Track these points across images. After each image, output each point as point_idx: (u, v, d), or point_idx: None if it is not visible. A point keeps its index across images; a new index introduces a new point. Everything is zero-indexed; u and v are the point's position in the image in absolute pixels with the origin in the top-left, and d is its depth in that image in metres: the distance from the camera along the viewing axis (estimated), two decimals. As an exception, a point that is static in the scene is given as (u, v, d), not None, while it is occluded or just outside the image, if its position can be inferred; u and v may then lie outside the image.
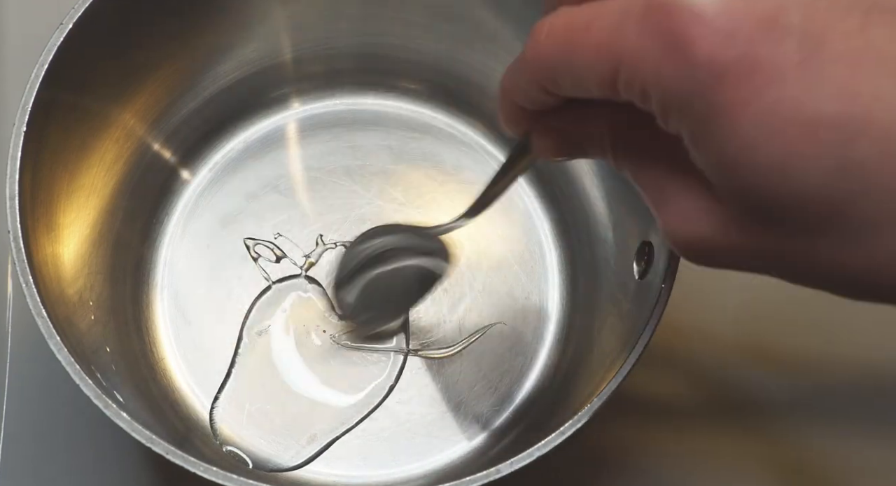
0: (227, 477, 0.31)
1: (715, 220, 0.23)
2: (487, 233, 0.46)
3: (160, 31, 0.40)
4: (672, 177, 0.24)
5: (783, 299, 0.46)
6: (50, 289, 0.35)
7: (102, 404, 0.32)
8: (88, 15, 0.36)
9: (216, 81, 0.45)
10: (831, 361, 0.46)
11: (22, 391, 0.44)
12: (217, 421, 0.42)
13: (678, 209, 0.24)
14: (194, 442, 0.41)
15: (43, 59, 0.35)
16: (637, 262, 0.38)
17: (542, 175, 0.46)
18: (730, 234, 0.23)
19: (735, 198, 0.22)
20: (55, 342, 0.32)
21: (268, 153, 0.47)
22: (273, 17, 0.43)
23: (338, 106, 0.48)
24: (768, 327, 0.46)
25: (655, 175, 0.25)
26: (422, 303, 0.43)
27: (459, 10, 0.43)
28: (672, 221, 0.24)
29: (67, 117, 0.37)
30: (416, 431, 0.43)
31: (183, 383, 0.43)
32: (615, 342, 0.37)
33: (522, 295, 0.45)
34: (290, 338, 0.44)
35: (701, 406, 0.45)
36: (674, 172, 0.24)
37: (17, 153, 0.34)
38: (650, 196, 0.25)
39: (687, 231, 0.24)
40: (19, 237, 0.33)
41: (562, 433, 0.32)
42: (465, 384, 0.43)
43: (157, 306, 0.44)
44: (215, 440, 0.42)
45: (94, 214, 0.40)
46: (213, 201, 0.46)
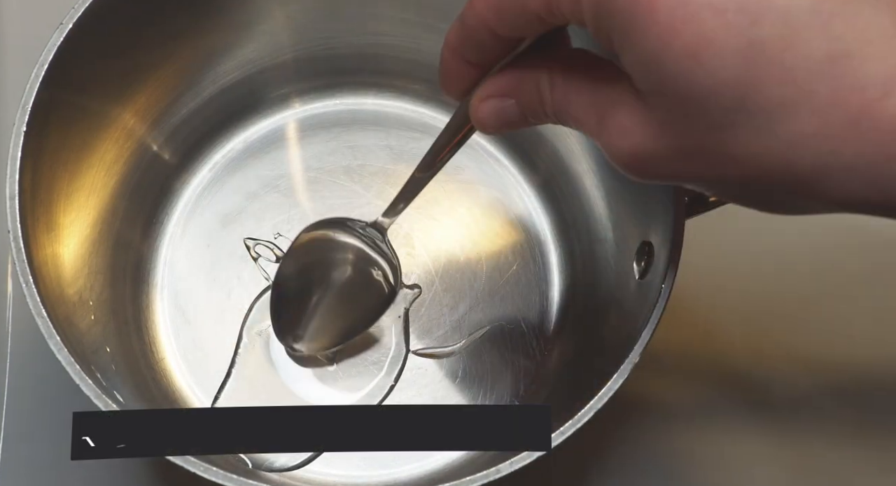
0: (227, 477, 0.31)
1: (648, 128, 0.24)
2: (487, 233, 0.46)
3: (160, 31, 0.40)
4: (608, 100, 0.25)
5: (783, 299, 0.46)
6: (50, 289, 0.35)
7: (102, 404, 0.32)
8: (88, 15, 0.36)
9: (216, 81, 0.45)
10: (832, 361, 0.46)
11: (22, 391, 0.44)
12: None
13: (615, 125, 0.25)
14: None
15: (43, 59, 0.35)
16: (637, 262, 0.38)
17: (543, 175, 0.46)
18: (660, 138, 0.24)
19: (659, 96, 0.23)
20: (55, 342, 0.32)
21: (268, 153, 0.47)
22: (273, 17, 0.43)
23: (338, 106, 0.48)
24: (768, 327, 0.46)
25: (593, 102, 0.26)
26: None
27: (459, 10, 0.43)
28: (612, 137, 0.25)
29: (67, 117, 0.37)
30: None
31: (183, 383, 0.43)
32: (615, 342, 0.37)
33: (522, 295, 0.45)
34: (290, 338, 0.44)
35: (701, 406, 0.45)
36: (609, 95, 0.25)
37: (17, 153, 0.34)
38: (591, 124, 0.26)
39: (626, 144, 0.25)
40: (19, 237, 0.33)
41: (562, 433, 0.32)
42: (465, 384, 0.43)
43: (157, 306, 0.44)
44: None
45: (94, 214, 0.40)
46: (213, 201, 0.46)
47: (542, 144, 0.45)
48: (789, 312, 0.46)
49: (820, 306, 0.46)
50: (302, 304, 0.42)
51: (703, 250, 0.27)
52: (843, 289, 0.47)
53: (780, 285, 0.46)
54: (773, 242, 0.46)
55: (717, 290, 0.46)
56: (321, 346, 0.42)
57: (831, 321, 0.46)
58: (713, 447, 0.44)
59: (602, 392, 0.32)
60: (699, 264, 0.41)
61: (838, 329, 0.46)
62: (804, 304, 0.46)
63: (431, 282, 0.45)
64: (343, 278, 0.42)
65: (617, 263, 0.41)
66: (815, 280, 0.44)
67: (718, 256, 0.46)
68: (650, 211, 0.37)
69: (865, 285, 0.47)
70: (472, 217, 0.46)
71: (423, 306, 0.44)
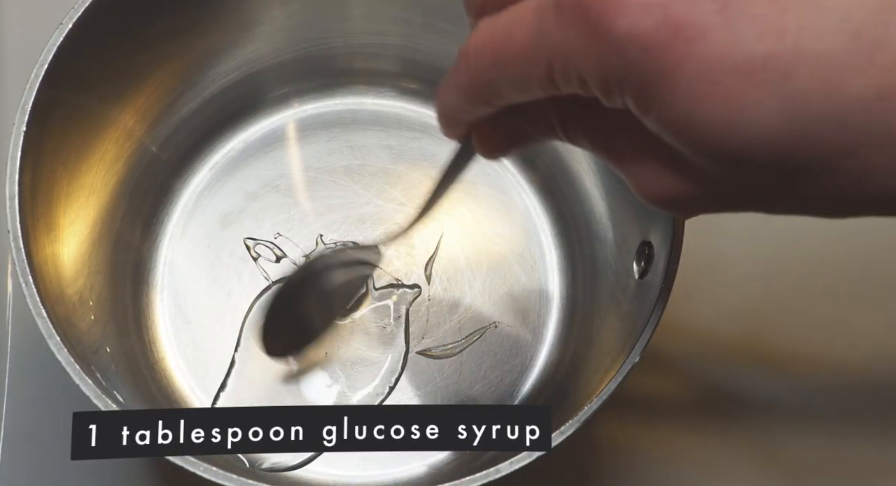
0: (227, 477, 0.31)
1: (680, 174, 0.23)
2: (487, 233, 0.46)
3: (160, 31, 0.40)
4: (630, 143, 0.24)
5: (783, 300, 0.46)
6: (50, 289, 0.35)
7: (102, 404, 0.32)
8: (88, 15, 0.36)
9: (216, 81, 0.45)
10: (832, 361, 0.46)
11: (22, 391, 0.44)
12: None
13: (643, 170, 0.24)
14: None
15: (43, 58, 0.35)
16: (637, 262, 0.38)
17: (543, 175, 0.46)
18: (698, 184, 0.23)
19: (692, 153, 0.22)
20: (55, 342, 0.32)
21: (268, 153, 0.47)
22: (273, 17, 0.43)
23: (338, 106, 0.48)
24: (769, 328, 0.46)
25: (613, 144, 0.25)
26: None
27: (459, 10, 0.43)
28: (640, 182, 0.24)
29: (67, 117, 0.37)
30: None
31: (183, 383, 0.43)
32: (615, 342, 0.37)
33: (522, 295, 0.45)
34: (290, 338, 0.44)
35: (701, 406, 0.45)
36: (631, 139, 0.24)
37: (17, 153, 0.34)
38: (613, 163, 0.25)
39: (657, 189, 0.24)
40: (19, 237, 0.33)
41: (562, 433, 0.32)
42: (465, 384, 0.43)
43: (157, 306, 0.44)
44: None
45: (94, 214, 0.40)
46: (213, 201, 0.46)
47: (542, 144, 0.46)
48: (789, 311, 0.46)
49: (820, 305, 0.46)
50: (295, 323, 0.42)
51: (703, 250, 0.27)
52: (843, 288, 0.47)
53: (781, 284, 0.46)
54: (773, 242, 0.46)
55: (716, 290, 0.46)
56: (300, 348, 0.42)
57: (832, 321, 0.46)
58: (713, 447, 0.44)
59: (602, 392, 0.32)
60: (699, 264, 0.41)
61: (839, 329, 0.46)
62: (804, 303, 0.46)
63: (432, 282, 0.45)
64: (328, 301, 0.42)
65: (617, 263, 0.41)
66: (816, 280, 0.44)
67: (718, 256, 0.46)
68: (650, 211, 0.37)
69: (866, 285, 0.47)
70: (472, 217, 0.46)
71: (423, 306, 0.44)
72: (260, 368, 0.43)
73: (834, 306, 0.46)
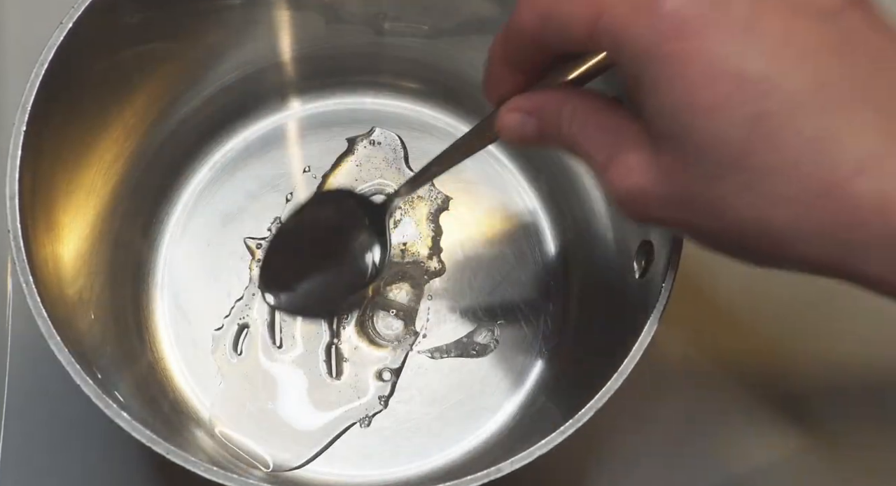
0: (228, 477, 0.31)
1: (650, 171, 0.27)
2: (488, 233, 0.46)
3: (160, 30, 0.40)
4: (619, 138, 0.28)
5: (783, 300, 0.46)
6: (50, 289, 0.35)
7: (102, 404, 0.32)
8: (88, 15, 0.36)
9: (216, 81, 0.45)
10: (832, 361, 0.46)
11: (22, 391, 0.44)
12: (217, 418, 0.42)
13: (622, 164, 0.27)
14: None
15: (43, 58, 0.35)
16: (637, 262, 0.38)
17: (543, 175, 0.46)
18: (663, 183, 0.26)
19: (670, 141, 0.26)
20: (55, 342, 0.32)
21: (268, 153, 0.47)
22: (273, 17, 0.43)
23: (338, 106, 0.48)
24: (769, 328, 0.46)
25: (604, 137, 0.28)
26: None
27: (459, 10, 0.43)
28: (615, 176, 0.28)
29: (67, 117, 0.37)
30: (416, 430, 0.43)
31: (183, 382, 0.43)
32: (615, 342, 0.37)
33: (523, 295, 0.45)
34: (290, 338, 0.44)
35: (701, 406, 0.45)
36: (621, 135, 0.28)
37: (17, 153, 0.34)
38: (599, 161, 0.28)
39: (629, 183, 0.27)
40: (19, 237, 0.33)
41: (562, 433, 0.32)
42: (465, 384, 0.43)
43: (157, 305, 0.44)
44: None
45: (93, 213, 0.40)
46: (213, 201, 0.46)
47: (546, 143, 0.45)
48: (790, 311, 0.46)
49: (822, 304, 0.46)
50: (289, 260, 0.42)
51: (703, 249, 0.28)
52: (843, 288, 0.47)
53: (781, 284, 0.46)
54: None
55: (717, 289, 0.46)
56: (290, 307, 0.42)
57: (833, 320, 0.46)
58: (713, 447, 0.44)
59: (602, 392, 0.32)
60: (699, 263, 0.41)
61: (840, 328, 0.46)
62: (805, 303, 0.46)
63: (432, 282, 0.45)
64: (334, 247, 0.42)
65: (617, 263, 0.41)
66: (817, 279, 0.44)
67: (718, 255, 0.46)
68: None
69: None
70: (472, 217, 0.46)
71: (423, 306, 0.44)
72: (259, 368, 0.43)
73: (836, 305, 0.46)
